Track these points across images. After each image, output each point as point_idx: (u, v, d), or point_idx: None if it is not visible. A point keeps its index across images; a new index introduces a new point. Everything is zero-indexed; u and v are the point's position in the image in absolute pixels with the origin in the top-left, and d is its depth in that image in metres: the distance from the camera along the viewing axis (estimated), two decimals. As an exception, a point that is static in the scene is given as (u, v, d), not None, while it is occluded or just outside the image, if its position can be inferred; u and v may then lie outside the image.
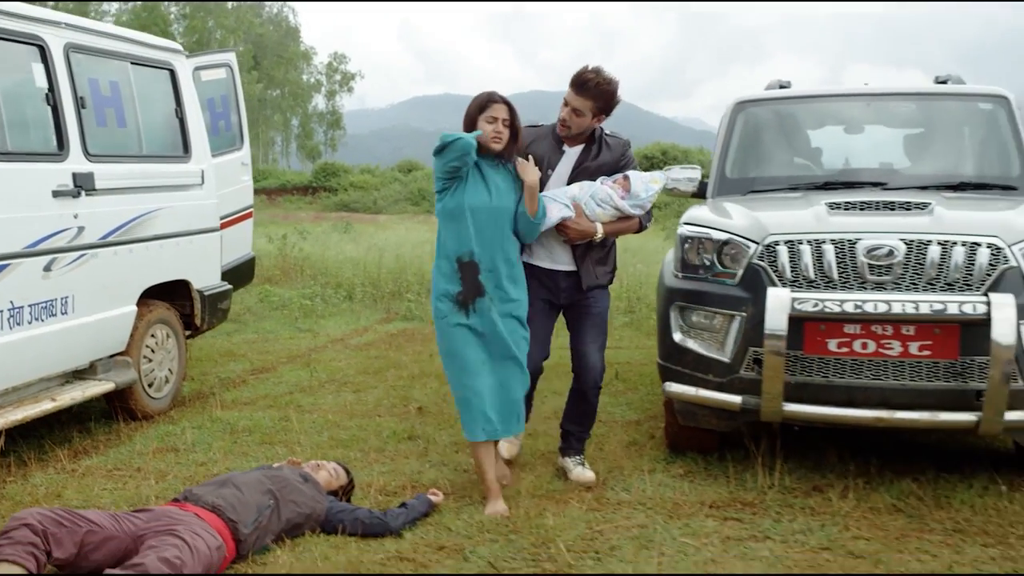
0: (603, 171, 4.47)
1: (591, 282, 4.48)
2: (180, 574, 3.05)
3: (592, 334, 4.54)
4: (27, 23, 4.82)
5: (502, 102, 4.14)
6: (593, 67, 4.34)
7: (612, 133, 4.57)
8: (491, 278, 4.14)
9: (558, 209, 4.32)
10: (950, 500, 4.16)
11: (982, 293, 4.04)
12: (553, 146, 4.50)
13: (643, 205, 4.43)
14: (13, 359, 4.58)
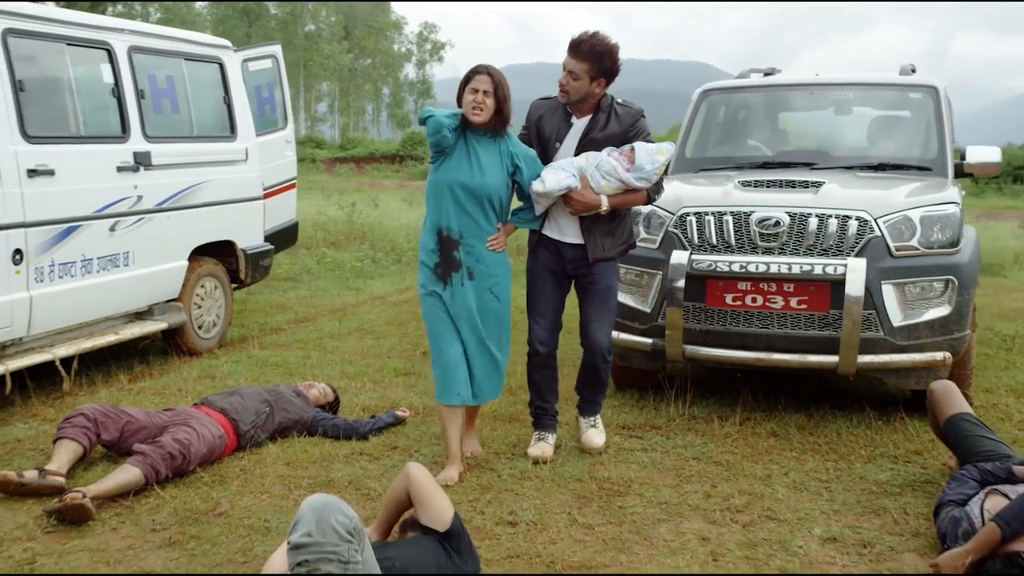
0: (611, 142, 4.42)
1: (598, 254, 4.45)
2: (187, 449, 4.19)
3: (596, 310, 4.54)
4: (97, 31, 6.00)
5: (485, 73, 4.12)
6: (589, 32, 4.33)
7: (625, 102, 4.50)
8: (469, 253, 4.21)
9: (565, 178, 4.29)
10: (824, 430, 5.05)
11: (854, 257, 4.91)
12: (562, 118, 4.48)
13: (648, 177, 4.35)
14: (84, 300, 5.79)
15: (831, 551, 3.54)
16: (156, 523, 3.72)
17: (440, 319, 4.27)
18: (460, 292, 4.23)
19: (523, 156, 4.33)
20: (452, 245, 4.21)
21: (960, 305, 4.98)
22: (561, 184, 4.28)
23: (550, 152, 4.47)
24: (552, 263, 4.54)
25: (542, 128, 4.50)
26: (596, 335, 4.55)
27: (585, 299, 4.58)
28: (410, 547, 2.94)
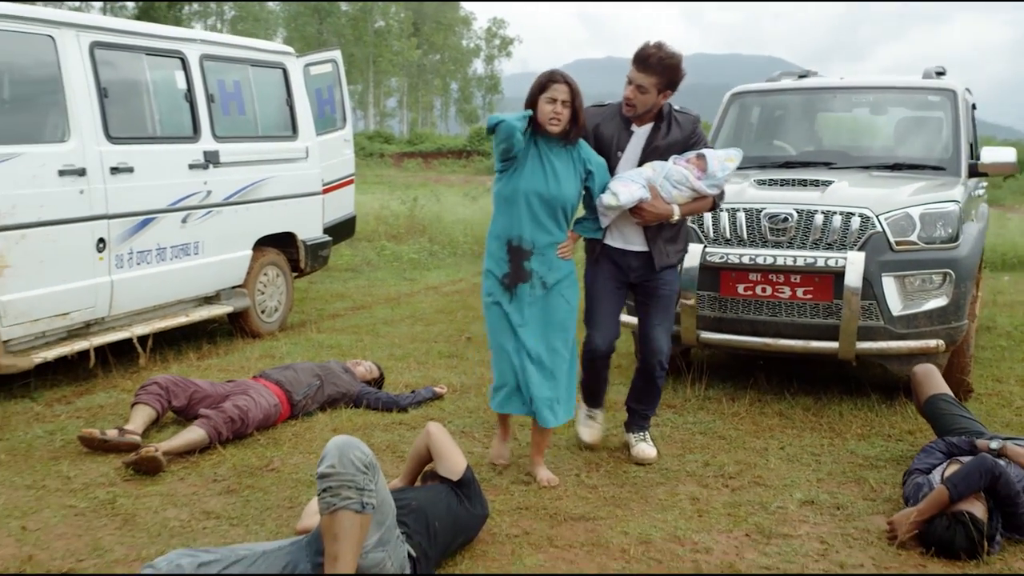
0: (673, 150, 4.42)
1: (663, 262, 4.47)
2: (245, 415, 4.76)
3: (659, 316, 4.55)
4: (172, 41, 6.64)
5: (563, 82, 4.07)
6: (655, 42, 4.28)
7: (682, 109, 4.51)
8: (542, 262, 4.17)
9: (636, 190, 4.26)
10: (827, 411, 5.46)
11: (855, 251, 5.31)
12: (620, 126, 4.44)
13: (719, 184, 4.40)
14: (158, 285, 6.42)
15: (806, 512, 3.97)
16: (217, 475, 4.29)
17: (501, 330, 4.23)
18: (529, 303, 4.18)
19: (596, 163, 4.28)
20: (523, 255, 4.14)
21: (958, 296, 5.34)
22: (633, 196, 4.24)
23: (611, 162, 4.41)
24: (614, 272, 4.54)
25: (600, 137, 4.43)
26: (657, 339, 4.54)
27: (647, 305, 4.58)
28: (427, 491, 3.46)
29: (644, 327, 4.61)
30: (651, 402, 4.73)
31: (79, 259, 5.76)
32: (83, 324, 5.94)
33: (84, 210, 5.76)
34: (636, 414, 4.74)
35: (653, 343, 4.55)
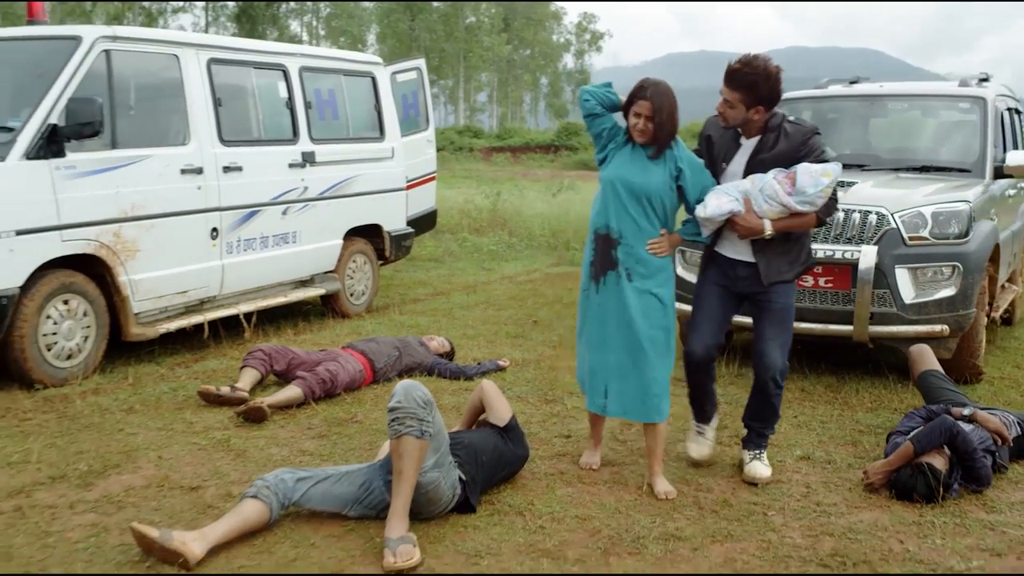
0: (780, 162, 4.25)
1: (772, 277, 4.31)
2: (335, 378, 5.65)
3: (771, 330, 4.38)
4: (276, 56, 7.59)
5: (647, 99, 4.11)
6: (745, 58, 4.19)
7: (796, 120, 4.35)
8: (629, 254, 4.18)
9: (727, 203, 4.19)
10: (846, 388, 6.11)
11: (871, 245, 5.95)
12: (731, 138, 4.39)
13: (811, 201, 4.14)
14: (261, 269, 7.37)
15: (801, 464, 4.67)
16: (311, 424, 5.18)
17: (595, 324, 4.31)
18: (615, 292, 4.21)
19: (687, 161, 4.26)
20: (611, 244, 4.21)
21: (965, 287, 5.94)
22: (722, 209, 4.18)
23: (718, 172, 4.39)
24: (721, 279, 4.47)
25: (711, 147, 4.43)
26: (769, 354, 4.36)
27: (759, 318, 4.44)
28: (478, 433, 4.28)
29: (756, 342, 4.45)
30: (767, 419, 4.54)
31: (196, 245, 6.74)
32: (198, 301, 6.92)
33: (200, 203, 6.73)
34: (752, 431, 4.58)
35: (764, 358, 4.37)
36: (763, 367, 4.38)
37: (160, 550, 3.37)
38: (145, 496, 4.11)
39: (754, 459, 4.51)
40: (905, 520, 3.98)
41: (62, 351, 5.90)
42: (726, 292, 4.46)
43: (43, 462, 4.49)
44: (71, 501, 4.03)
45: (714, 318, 4.47)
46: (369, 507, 3.81)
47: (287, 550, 3.56)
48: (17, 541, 3.60)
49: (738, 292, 4.45)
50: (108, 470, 4.41)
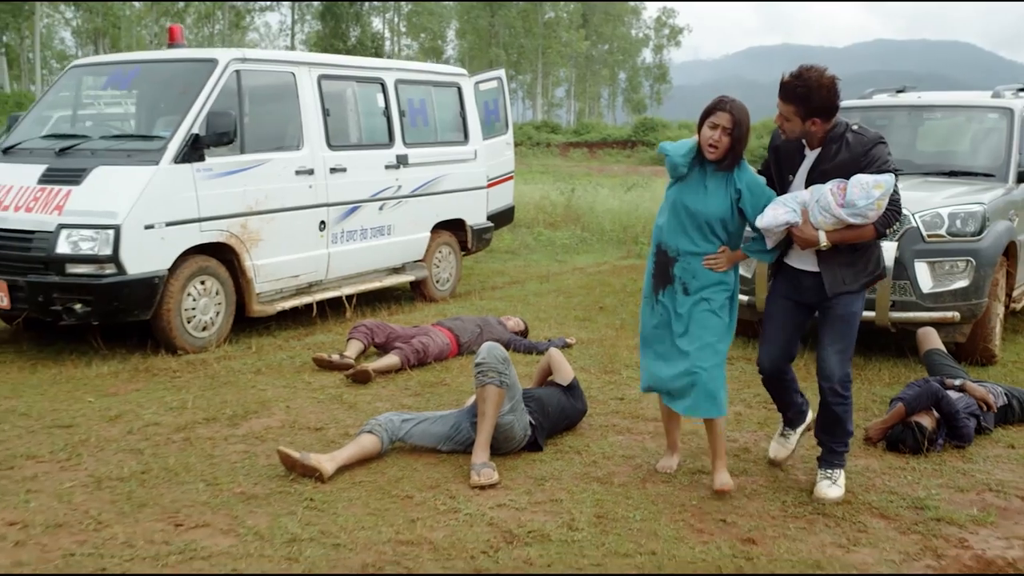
0: (842, 172, 4.22)
1: (836, 288, 4.30)
2: (426, 349, 6.70)
3: (830, 337, 4.39)
4: (375, 71, 8.69)
5: (727, 111, 4.22)
6: (797, 70, 4.20)
7: (860, 129, 4.30)
8: (685, 269, 4.36)
9: (784, 214, 4.22)
10: (872, 366, 6.94)
11: (891, 241, 6.77)
12: (796, 149, 4.39)
13: (863, 213, 4.10)
14: (361, 257, 8.47)
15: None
16: (407, 386, 6.23)
17: (646, 325, 4.56)
18: (671, 304, 4.41)
19: (748, 182, 4.34)
20: (669, 262, 4.39)
21: (978, 279, 6.73)
22: (778, 220, 4.22)
23: (785, 184, 4.43)
24: (788, 291, 4.50)
25: (779, 159, 4.47)
26: (826, 361, 4.38)
27: (822, 325, 4.45)
28: (546, 390, 5.28)
29: (817, 349, 4.48)
30: (832, 432, 4.49)
31: (307, 236, 7.86)
32: (307, 284, 8.05)
33: (311, 200, 7.85)
34: (823, 447, 4.58)
35: (822, 365, 4.41)
36: (821, 375, 4.42)
37: (301, 467, 4.44)
38: (280, 433, 5.20)
39: (823, 479, 4.49)
40: (893, 466, 4.86)
41: (199, 323, 7.06)
42: (794, 305, 4.49)
43: (197, 408, 5.62)
44: (224, 435, 5.14)
45: (782, 331, 4.52)
46: (458, 443, 4.84)
47: (395, 472, 4.60)
48: (191, 460, 4.71)
49: (807, 303, 4.47)
50: (248, 415, 5.52)
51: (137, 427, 5.23)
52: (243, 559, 3.61)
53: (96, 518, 3.99)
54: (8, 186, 6.87)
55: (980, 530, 4.06)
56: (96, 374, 6.38)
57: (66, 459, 4.72)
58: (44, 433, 5.12)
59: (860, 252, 4.33)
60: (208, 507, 4.14)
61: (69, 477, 4.47)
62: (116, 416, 5.42)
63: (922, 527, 4.07)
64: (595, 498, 4.34)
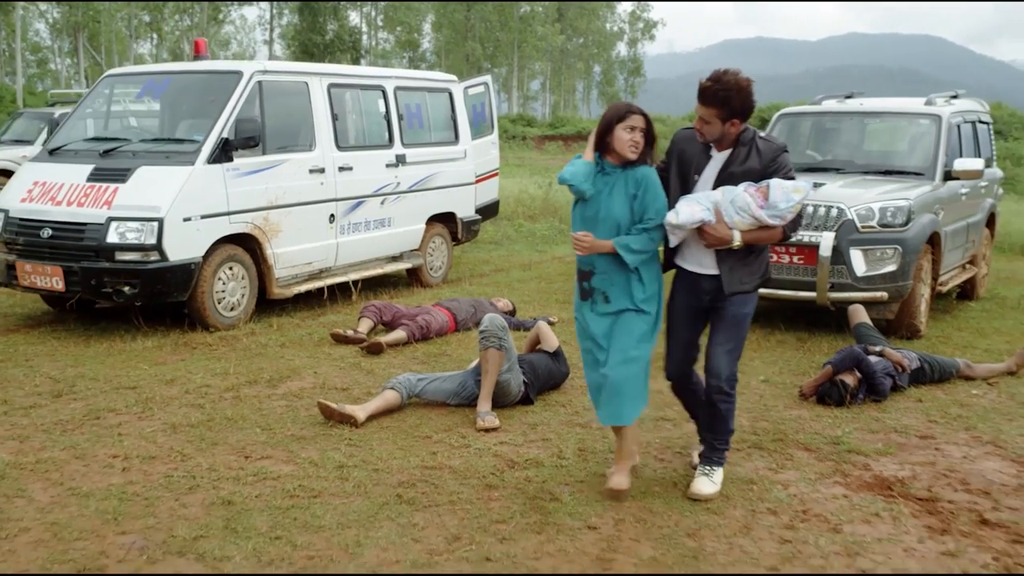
0: (749, 176, 4.39)
1: (733, 287, 4.44)
2: (428, 326, 7.72)
3: (721, 337, 4.51)
4: (377, 79, 9.69)
5: (640, 113, 4.37)
6: (715, 74, 4.32)
7: (767, 137, 4.51)
8: (603, 280, 4.47)
9: (699, 212, 4.31)
10: (815, 340, 8.02)
11: (829, 231, 7.85)
12: (702, 150, 4.50)
13: (782, 215, 4.31)
14: (365, 246, 9.47)
15: (762, 386, 6.63)
16: (414, 356, 7.25)
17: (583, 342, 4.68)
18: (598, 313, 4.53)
19: (642, 179, 4.42)
20: (585, 276, 4.55)
21: (904, 265, 7.83)
22: (694, 217, 4.31)
23: (689, 184, 4.52)
24: (689, 299, 4.61)
25: (683, 159, 4.55)
26: (715, 359, 4.49)
27: (714, 324, 4.57)
28: (536, 355, 6.32)
29: (707, 348, 4.58)
30: (715, 430, 4.63)
31: (319, 228, 8.85)
32: (319, 271, 9.04)
33: (322, 195, 8.84)
34: (705, 443, 4.73)
35: (710, 363, 4.51)
36: (710, 374, 4.51)
37: (338, 415, 5.46)
38: (313, 393, 6.21)
39: (701, 475, 4.62)
40: (820, 415, 5.94)
41: (228, 304, 8.04)
42: (694, 312, 4.63)
43: (238, 373, 6.62)
44: (267, 394, 6.15)
45: (686, 341, 4.67)
46: (464, 398, 5.88)
47: (414, 420, 5.63)
48: (244, 412, 5.72)
49: (705, 308, 4.59)
50: (283, 379, 6.52)
51: (192, 388, 6.23)
52: (304, 479, 4.63)
53: (180, 452, 5.00)
54: (60, 183, 7.82)
55: (881, 459, 5.14)
56: (142, 347, 7.36)
57: (140, 412, 5.72)
58: (114, 393, 6.10)
59: (755, 254, 4.52)
60: (267, 445, 5.16)
61: (147, 425, 5.47)
62: (171, 380, 6.42)
63: (836, 456, 5.15)
64: (578, 437, 5.39)
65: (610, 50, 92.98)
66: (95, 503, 4.31)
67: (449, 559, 3.81)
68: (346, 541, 3.94)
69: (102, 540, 3.93)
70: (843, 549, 3.99)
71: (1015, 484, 4.80)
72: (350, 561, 3.76)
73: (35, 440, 5.18)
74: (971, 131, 9.86)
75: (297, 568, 3.70)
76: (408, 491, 4.50)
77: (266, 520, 4.14)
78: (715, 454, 4.64)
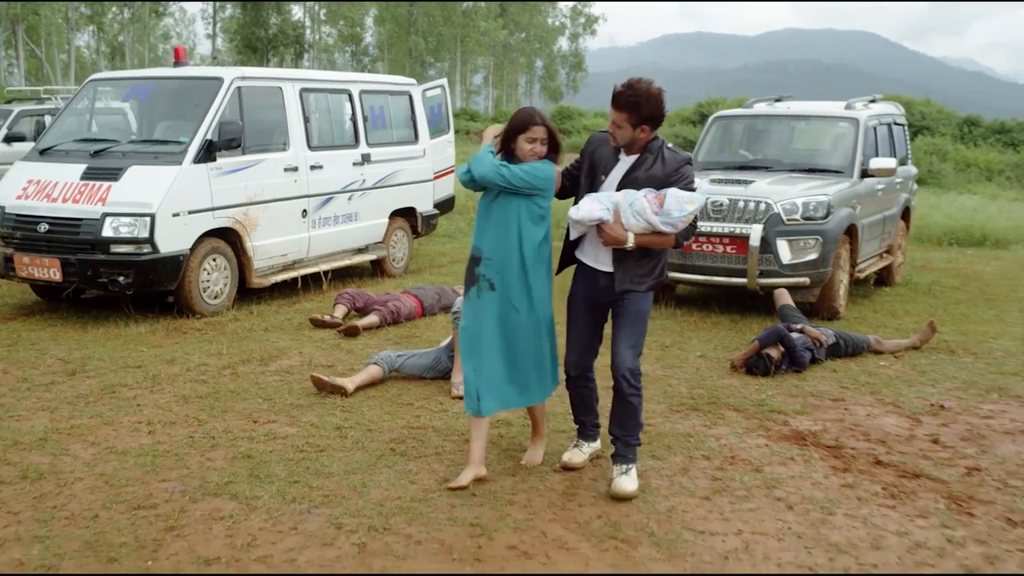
0: (651, 183, 4.58)
1: (624, 285, 4.64)
2: (398, 312, 8.49)
3: (624, 333, 4.70)
4: (343, 83, 10.42)
5: (542, 124, 4.56)
6: (628, 81, 4.54)
7: (674, 148, 4.68)
8: (488, 267, 4.70)
9: (599, 210, 4.50)
10: (747, 322, 8.94)
11: (758, 224, 8.77)
12: (612, 152, 4.71)
13: (674, 223, 4.48)
14: (334, 239, 10.19)
15: (696, 359, 7.51)
16: (387, 338, 8.02)
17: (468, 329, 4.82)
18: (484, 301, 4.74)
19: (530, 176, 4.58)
20: (475, 262, 4.78)
21: (824, 253, 8.77)
22: (593, 215, 4.50)
23: (596, 183, 4.72)
24: (587, 292, 4.80)
25: (595, 159, 4.75)
26: (619, 354, 4.68)
27: (615, 322, 4.77)
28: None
29: (612, 342, 4.76)
30: (625, 426, 4.77)
31: (293, 222, 9.56)
32: (292, 262, 9.75)
33: (296, 192, 9.55)
34: (616, 443, 4.80)
35: (615, 358, 4.69)
36: (614, 366, 4.69)
37: (329, 386, 6.22)
38: (302, 369, 6.95)
39: (620, 475, 4.73)
40: (748, 383, 6.84)
41: (212, 293, 8.72)
42: (592, 305, 4.82)
43: (231, 354, 7.34)
44: (261, 371, 6.88)
45: (584, 332, 4.87)
46: (438, 372, 6.67)
47: (396, 390, 6.41)
48: (244, 385, 6.45)
49: (603, 302, 4.79)
50: (273, 358, 7.26)
51: (192, 366, 6.95)
52: (309, 438, 5.39)
53: (196, 418, 5.74)
54: (54, 182, 8.44)
55: (799, 417, 6.05)
56: (137, 332, 8.03)
57: (151, 387, 6.42)
58: (123, 371, 6.80)
59: (651, 257, 4.67)
60: (271, 412, 5.91)
61: (160, 397, 6.19)
62: (171, 360, 7.12)
63: (760, 415, 6.05)
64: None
65: (552, 45, 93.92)
66: (132, 459, 5.04)
67: (440, 495, 4.62)
68: (353, 484, 4.72)
69: (147, 486, 4.67)
70: (763, 484, 4.87)
71: (907, 435, 5.73)
72: (359, 499, 4.54)
73: (63, 411, 5.87)
74: (887, 132, 10.87)
75: (316, 503, 4.47)
76: (399, 446, 5.30)
77: (283, 469, 4.90)
78: (628, 451, 4.77)
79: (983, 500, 4.72)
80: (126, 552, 3.95)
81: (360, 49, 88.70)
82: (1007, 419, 6.08)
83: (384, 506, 4.47)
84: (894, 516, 4.50)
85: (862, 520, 4.44)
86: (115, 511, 4.37)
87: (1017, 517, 4.52)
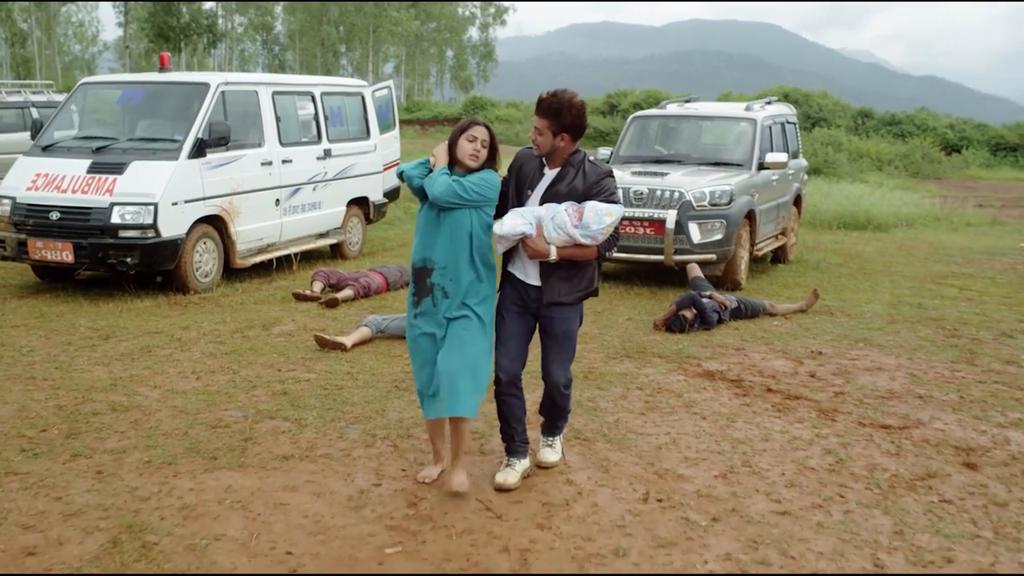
0: (572, 196, 4.66)
1: (552, 298, 4.72)
2: (368, 286, 9.88)
3: (554, 352, 4.88)
4: (308, 86, 11.73)
5: (483, 126, 4.61)
6: (554, 90, 4.63)
7: (595, 161, 4.75)
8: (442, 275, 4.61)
9: (521, 224, 4.56)
10: (665, 292, 10.55)
11: (671, 210, 10.37)
12: (537, 167, 4.77)
13: (594, 236, 4.56)
14: (302, 225, 11.48)
15: (625, 321, 9.07)
16: (363, 309, 9.38)
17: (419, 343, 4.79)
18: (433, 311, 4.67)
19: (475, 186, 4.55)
20: (425, 273, 4.67)
21: (728, 234, 10.43)
22: (516, 230, 4.57)
23: (523, 198, 4.77)
24: (516, 299, 4.85)
25: (521, 174, 4.81)
26: (553, 374, 4.90)
27: (544, 340, 4.91)
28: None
29: (542, 360, 4.94)
30: (554, 415, 5.17)
31: (268, 210, 10.85)
32: (267, 245, 11.03)
33: (270, 183, 10.84)
34: (547, 422, 5.23)
35: (550, 378, 4.92)
36: (550, 384, 4.95)
37: (330, 343, 7.59)
38: (300, 333, 8.29)
39: (545, 446, 5.20)
40: (668, 338, 8.42)
41: (203, 272, 9.97)
42: (521, 313, 4.86)
43: (235, 322, 8.64)
44: (266, 334, 8.20)
45: (514, 339, 4.86)
46: (417, 332, 8.06)
47: (386, 346, 7.81)
48: (257, 345, 7.78)
49: (531, 312, 4.85)
50: (270, 325, 8.58)
51: (206, 331, 8.24)
52: (327, 381, 6.77)
53: (229, 367, 7.07)
54: (62, 175, 9.59)
55: (710, 361, 7.66)
56: (143, 306, 9.26)
57: (178, 348, 7.70)
58: (147, 337, 8.05)
59: (578, 269, 4.76)
60: (288, 363, 7.27)
61: (191, 355, 7.48)
62: (186, 327, 8.39)
63: (679, 360, 7.64)
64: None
65: (462, 35, 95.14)
66: (193, 396, 6.37)
67: (443, 416, 6.06)
68: (374, 409, 6.14)
69: (214, 413, 6.01)
70: (683, 404, 6.44)
71: (791, 372, 7.39)
72: (381, 418, 5.96)
73: (115, 365, 7.13)
74: (780, 130, 12.62)
75: (351, 421, 5.88)
76: (402, 384, 6.73)
77: (316, 401, 6.29)
78: (555, 428, 5.21)
79: (844, 412, 6.38)
80: (222, 453, 5.31)
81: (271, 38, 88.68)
82: (868, 361, 7.78)
83: (402, 423, 5.90)
84: (779, 422, 6.12)
85: (756, 425, 6.05)
86: (199, 430, 5.71)
87: (866, 421, 6.18)
